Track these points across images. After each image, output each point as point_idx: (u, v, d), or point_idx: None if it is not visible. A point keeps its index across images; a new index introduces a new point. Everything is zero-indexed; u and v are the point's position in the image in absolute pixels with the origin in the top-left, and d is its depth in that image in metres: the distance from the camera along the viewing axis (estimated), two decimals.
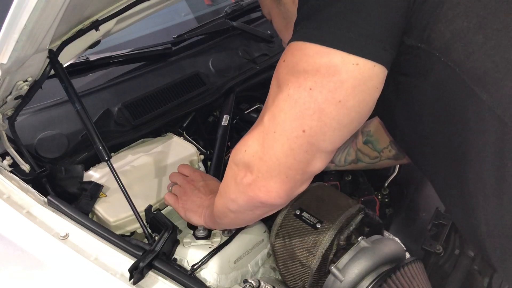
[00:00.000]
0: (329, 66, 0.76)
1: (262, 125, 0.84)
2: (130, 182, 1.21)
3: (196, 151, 1.41)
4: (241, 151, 0.88)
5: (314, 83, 0.76)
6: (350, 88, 0.76)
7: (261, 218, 1.00)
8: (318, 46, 0.76)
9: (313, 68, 0.76)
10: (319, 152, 0.82)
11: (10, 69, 0.94)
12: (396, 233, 1.36)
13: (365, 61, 0.76)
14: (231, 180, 0.91)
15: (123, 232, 1.16)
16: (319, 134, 0.79)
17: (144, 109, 1.45)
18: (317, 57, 0.76)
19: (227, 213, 0.98)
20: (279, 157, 0.82)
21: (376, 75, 0.78)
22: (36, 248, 0.99)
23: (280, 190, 0.85)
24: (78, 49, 1.26)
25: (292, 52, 0.80)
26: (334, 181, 1.54)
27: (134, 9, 1.26)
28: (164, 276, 0.95)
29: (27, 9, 0.81)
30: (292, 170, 0.83)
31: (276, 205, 0.90)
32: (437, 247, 1.32)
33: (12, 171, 1.16)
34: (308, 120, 0.78)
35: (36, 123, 1.33)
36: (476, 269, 1.32)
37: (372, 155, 1.36)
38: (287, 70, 0.80)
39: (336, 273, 1.01)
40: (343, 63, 0.75)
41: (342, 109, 0.78)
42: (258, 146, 0.84)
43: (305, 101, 0.77)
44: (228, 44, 1.80)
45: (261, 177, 0.84)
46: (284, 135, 0.80)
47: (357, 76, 0.76)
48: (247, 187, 0.87)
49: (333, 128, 0.79)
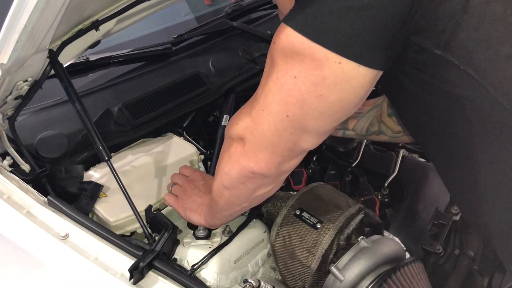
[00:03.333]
0: (313, 60, 0.75)
1: (256, 100, 0.86)
2: (130, 182, 1.21)
3: (196, 151, 1.41)
4: (235, 123, 0.90)
5: (298, 72, 0.77)
6: (332, 85, 0.76)
7: (256, 197, 0.99)
8: (302, 37, 0.75)
9: (298, 57, 0.77)
10: (304, 134, 0.83)
11: (10, 69, 0.94)
12: (396, 233, 1.36)
13: (348, 61, 0.74)
14: (225, 152, 0.94)
15: (123, 232, 1.16)
16: (302, 120, 0.81)
17: (144, 109, 1.45)
18: (301, 47, 0.76)
19: (222, 192, 0.98)
20: (267, 134, 0.84)
21: (362, 75, 0.76)
22: (36, 248, 0.99)
23: (269, 162, 0.87)
24: (78, 49, 1.26)
25: (280, 36, 0.79)
26: (334, 181, 1.54)
27: (134, 9, 1.26)
28: (164, 276, 0.95)
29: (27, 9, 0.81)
30: (278, 147, 0.85)
31: (267, 176, 0.90)
32: (437, 247, 1.32)
33: (12, 171, 1.16)
34: (291, 107, 0.79)
35: (36, 123, 1.33)
36: (476, 269, 1.32)
37: (395, 129, 1.35)
38: (277, 52, 0.80)
39: (336, 273, 1.01)
40: (325, 60, 0.74)
41: (324, 103, 0.78)
42: (250, 120, 0.86)
43: (290, 88, 0.78)
44: (228, 44, 1.80)
45: (251, 148, 0.87)
46: (271, 116, 0.82)
47: (339, 74, 0.75)
48: (239, 157, 0.89)
49: (315, 118, 0.80)
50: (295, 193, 1.20)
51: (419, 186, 1.53)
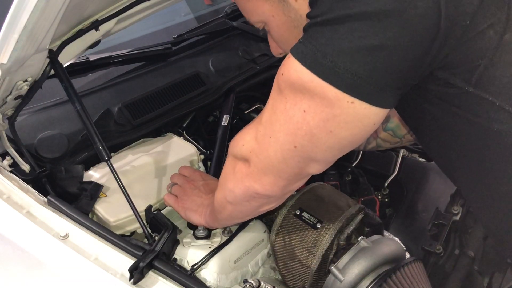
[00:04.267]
0: (323, 98, 0.73)
1: (261, 124, 0.84)
2: (130, 182, 1.21)
3: (196, 151, 1.41)
4: (239, 145, 0.89)
5: (308, 107, 0.75)
6: (343, 123, 0.75)
7: (259, 212, 1.00)
8: (313, 75, 0.72)
9: (308, 92, 0.74)
10: (312, 163, 0.83)
11: (10, 69, 0.94)
12: (396, 233, 1.36)
13: (361, 102, 0.72)
14: (229, 170, 0.93)
15: (123, 232, 1.16)
16: (309, 152, 0.80)
17: (144, 109, 1.45)
18: (311, 85, 0.73)
19: (226, 205, 0.98)
20: (273, 160, 0.83)
21: (374, 114, 0.74)
22: (36, 248, 0.99)
23: (274, 185, 0.87)
24: (78, 49, 1.26)
25: (289, 70, 0.76)
26: (334, 181, 1.54)
27: (134, 9, 1.26)
28: (164, 276, 0.95)
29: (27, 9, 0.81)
30: (284, 173, 0.84)
31: (272, 197, 0.91)
32: (437, 247, 1.32)
33: (12, 171, 1.16)
34: (299, 138, 0.78)
35: (36, 123, 1.33)
36: (476, 269, 1.32)
37: (393, 141, 1.35)
38: (285, 84, 0.77)
39: (336, 273, 1.01)
40: (336, 99, 0.72)
41: (333, 138, 0.77)
42: (255, 144, 0.85)
43: (298, 121, 0.77)
44: (228, 44, 1.80)
45: (257, 171, 0.86)
46: (278, 144, 0.81)
47: (351, 113, 0.73)
48: (244, 177, 0.88)
49: (323, 151, 0.79)
50: (295, 193, 1.19)
51: (419, 186, 1.53)
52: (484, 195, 0.91)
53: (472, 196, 0.97)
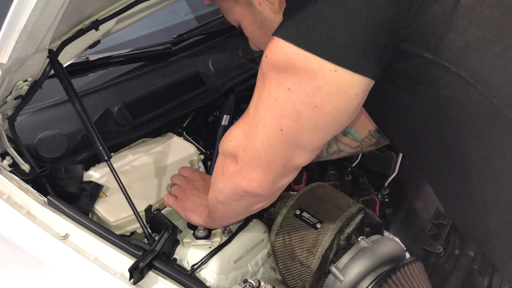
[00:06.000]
0: (307, 70, 0.74)
1: (248, 116, 0.85)
2: (130, 182, 1.21)
3: (196, 151, 1.41)
4: (227, 141, 0.89)
5: (292, 84, 0.76)
6: (327, 95, 0.75)
7: (252, 211, 0.99)
8: (296, 48, 0.74)
9: (292, 69, 0.75)
10: (298, 150, 0.83)
11: (10, 69, 0.94)
12: (396, 233, 1.36)
13: (344, 69, 0.73)
14: (219, 170, 0.94)
15: (123, 232, 1.16)
16: (296, 134, 0.80)
17: (144, 109, 1.45)
18: (295, 58, 0.74)
19: (217, 205, 0.98)
20: (260, 151, 0.83)
21: (357, 83, 0.75)
22: (36, 248, 0.99)
23: (262, 181, 0.86)
24: (78, 49, 1.26)
25: (273, 50, 0.78)
26: (334, 181, 1.54)
27: (134, 9, 1.26)
28: (164, 276, 0.95)
29: (27, 9, 0.81)
30: (272, 164, 0.84)
31: (260, 195, 0.90)
32: (437, 247, 1.32)
33: (12, 171, 1.16)
34: (285, 120, 0.78)
35: (36, 123, 1.33)
36: (476, 269, 1.32)
37: (353, 144, 1.36)
38: (269, 66, 0.79)
39: (336, 273, 1.01)
40: (320, 69, 0.73)
41: (319, 114, 0.77)
42: (242, 137, 0.85)
43: (284, 101, 0.77)
44: (228, 44, 1.80)
45: (244, 167, 0.86)
46: (264, 131, 0.81)
47: (334, 83, 0.74)
48: (231, 176, 0.88)
49: (310, 131, 0.79)
50: (295, 193, 1.19)
51: (419, 186, 1.53)
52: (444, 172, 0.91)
53: (438, 184, 0.98)
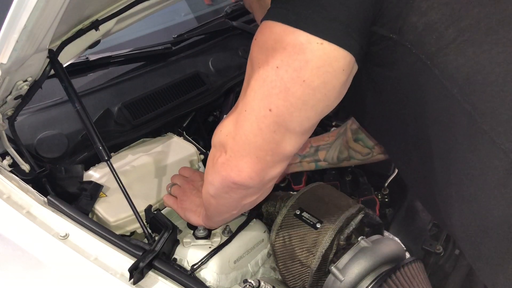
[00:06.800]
0: (295, 44, 0.77)
1: (237, 103, 0.86)
2: (130, 182, 1.21)
3: (196, 151, 1.41)
4: (218, 131, 0.89)
5: (280, 62, 0.77)
6: (315, 68, 0.77)
7: (244, 205, 0.98)
8: (284, 25, 0.77)
9: (280, 46, 0.77)
10: (288, 133, 0.82)
11: (10, 69, 0.94)
12: (396, 233, 1.36)
13: (329, 43, 0.76)
14: (210, 163, 0.93)
15: (123, 232, 1.16)
16: (285, 113, 0.80)
17: (144, 109, 1.45)
18: (283, 35, 0.77)
19: (210, 200, 0.98)
20: (249, 136, 0.82)
21: (342, 57, 0.78)
22: (36, 248, 0.99)
23: (251, 170, 0.85)
24: (78, 49, 1.26)
25: (262, 31, 0.81)
26: (334, 181, 1.54)
27: (134, 9, 1.26)
28: (164, 276, 0.95)
29: (27, 9, 0.81)
30: (261, 150, 0.83)
31: (250, 187, 0.89)
32: (437, 247, 1.32)
33: (12, 171, 1.16)
34: (274, 99, 0.79)
35: (36, 123, 1.33)
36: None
37: (364, 151, 1.37)
38: (258, 48, 0.81)
39: (336, 273, 1.01)
40: (308, 42, 0.76)
41: (307, 89, 0.78)
42: (232, 125, 0.85)
43: (272, 79, 0.78)
44: (228, 44, 1.80)
45: (233, 156, 0.85)
46: (253, 114, 0.81)
47: (321, 56, 0.76)
48: (220, 167, 0.88)
49: (299, 109, 0.80)
50: (295, 193, 1.20)
51: None
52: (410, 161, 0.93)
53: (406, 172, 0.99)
